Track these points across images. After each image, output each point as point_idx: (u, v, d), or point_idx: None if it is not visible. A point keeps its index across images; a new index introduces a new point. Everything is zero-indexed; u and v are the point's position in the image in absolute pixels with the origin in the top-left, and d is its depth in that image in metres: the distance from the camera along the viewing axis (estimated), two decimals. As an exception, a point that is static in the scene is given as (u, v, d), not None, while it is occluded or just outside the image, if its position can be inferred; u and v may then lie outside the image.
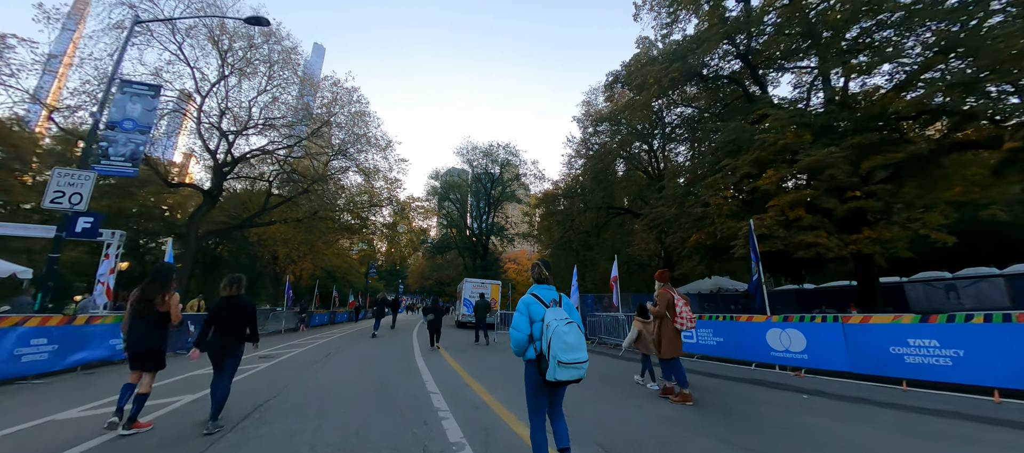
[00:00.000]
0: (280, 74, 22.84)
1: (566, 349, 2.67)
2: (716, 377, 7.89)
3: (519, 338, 2.91)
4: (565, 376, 2.68)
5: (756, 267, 8.61)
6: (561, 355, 2.66)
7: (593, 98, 25.69)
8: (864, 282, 11.65)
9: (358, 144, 25.35)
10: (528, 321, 2.92)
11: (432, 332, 12.58)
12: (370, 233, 28.14)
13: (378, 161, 25.18)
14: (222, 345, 4.28)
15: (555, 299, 3.00)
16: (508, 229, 50.01)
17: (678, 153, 22.99)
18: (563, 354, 2.66)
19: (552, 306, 2.91)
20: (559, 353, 2.66)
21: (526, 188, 46.72)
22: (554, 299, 2.99)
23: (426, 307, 16.88)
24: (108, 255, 10.43)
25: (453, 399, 5.84)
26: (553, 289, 3.12)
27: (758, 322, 8.41)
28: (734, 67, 14.22)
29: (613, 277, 12.58)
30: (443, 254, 53.25)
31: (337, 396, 5.97)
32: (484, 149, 45.97)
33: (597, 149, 21.08)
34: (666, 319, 5.54)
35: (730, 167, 9.92)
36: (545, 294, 3.02)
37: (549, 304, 2.93)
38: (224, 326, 4.32)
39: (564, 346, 2.68)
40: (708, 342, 9.56)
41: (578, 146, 23.88)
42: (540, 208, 26.39)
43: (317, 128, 23.71)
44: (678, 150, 23.02)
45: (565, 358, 2.66)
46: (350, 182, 28.79)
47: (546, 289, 3.08)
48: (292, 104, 23.66)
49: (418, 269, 70.56)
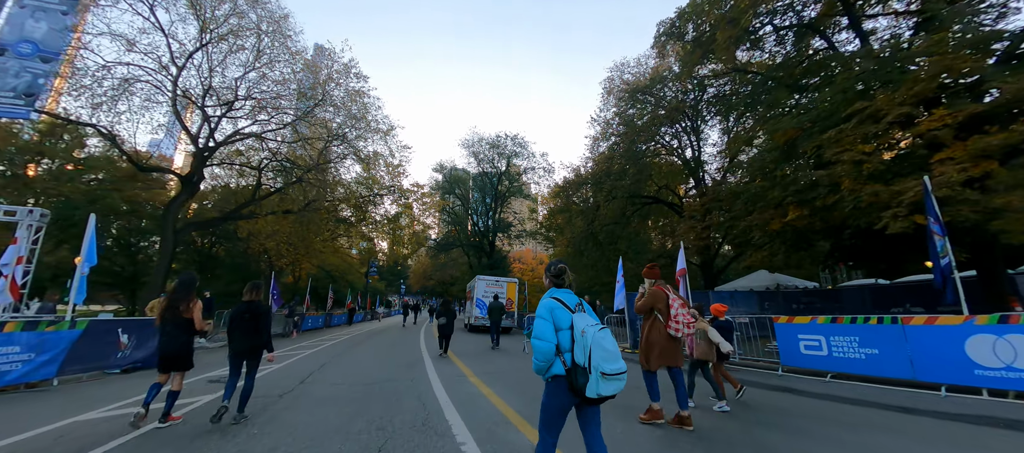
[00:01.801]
0: (270, 48, 20.22)
1: (607, 357, 2.33)
2: (884, 409, 5.27)
3: (546, 349, 2.46)
4: (609, 390, 2.34)
5: (943, 244, 5.87)
6: (604, 365, 2.31)
7: (617, 74, 23.00)
8: (986, 271, 8.92)
9: (356, 127, 22.68)
10: (553, 329, 2.51)
11: (442, 337, 11.09)
12: (370, 229, 25.39)
13: (378, 146, 22.47)
14: (243, 346, 4.64)
15: (579, 303, 2.65)
16: (516, 226, 47.31)
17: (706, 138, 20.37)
18: (606, 364, 2.31)
19: (578, 311, 2.56)
20: (602, 363, 2.31)
21: (536, 183, 44.10)
22: (579, 303, 2.64)
23: (436, 309, 15.02)
24: (17, 238, 7.74)
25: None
26: (572, 293, 2.71)
27: (951, 325, 5.71)
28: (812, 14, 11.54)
29: (680, 269, 9.90)
30: (446, 253, 50.46)
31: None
32: (491, 141, 43.20)
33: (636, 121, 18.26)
34: (657, 321, 4.70)
35: (868, 113, 7.17)
36: (568, 299, 2.64)
37: (574, 309, 2.57)
38: (245, 328, 4.66)
39: (606, 355, 2.34)
40: (851, 355, 6.81)
41: (604, 126, 21.15)
42: (558, 198, 23.55)
43: (309, 109, 20.98)
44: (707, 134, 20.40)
45: (609, 369, 2.31)
46: (348, 173, 26.17)
47: (567, 293, 2.69)
48: (281, 81, 20.96)
49: (420, 269, 68.33)
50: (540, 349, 2.48)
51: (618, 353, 2.39)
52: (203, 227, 24.21)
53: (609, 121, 21.55)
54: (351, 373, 8.22)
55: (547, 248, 49.51)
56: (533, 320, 2.94)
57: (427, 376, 7.97)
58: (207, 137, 20.51)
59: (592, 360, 2.33)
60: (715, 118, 17.96)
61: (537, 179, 44.27)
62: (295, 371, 8.40)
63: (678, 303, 4.69)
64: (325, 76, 21.48)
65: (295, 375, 7.91)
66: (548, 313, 2.55)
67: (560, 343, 2.47)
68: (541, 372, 2.53)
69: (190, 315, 4.52)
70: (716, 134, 21.08)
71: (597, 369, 2.31)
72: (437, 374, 8.17)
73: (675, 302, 4.69)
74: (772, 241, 11.07)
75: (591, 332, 2.38)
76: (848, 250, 12.76)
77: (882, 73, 7.56)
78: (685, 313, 4.65)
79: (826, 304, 16.21)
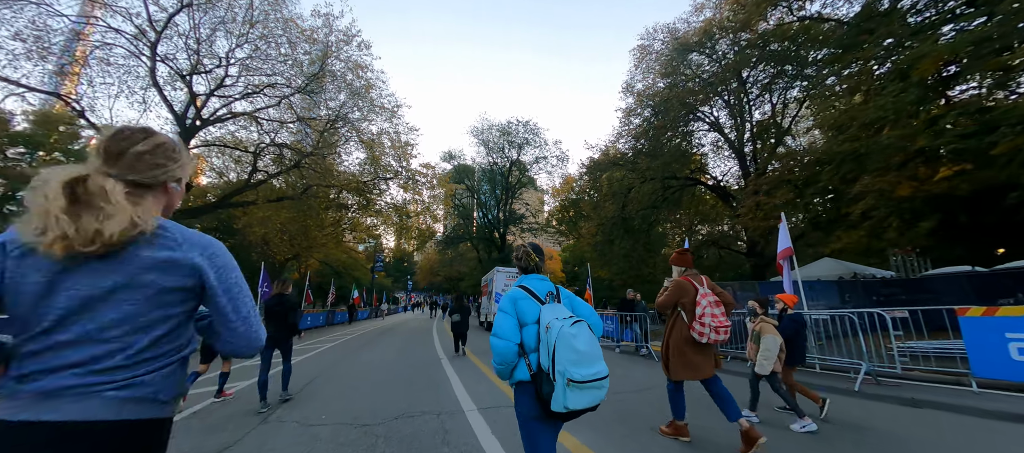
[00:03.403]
0: (263, 17, 17.99)
1: (578, 360, 1.77)
2: None
3: (504, 349, 1.96)
4: (581, 402, 1.77)
5: None
6: (572, 370, 1.76)
7: (649, 41, 20.44)
8: None
9: (358, 105, 20.41)
10: (516, 323, 2.02)
11: (457, 336, 10.33)
12: (376, 219, 23.12)
13: (383, 125, 20.18)
14: (275, 334, 5.26)
15: (552, 292, 2.11)
16: (528, 218, 44.90)
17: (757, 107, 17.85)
18: (574, 368, 1.76)
19: (549, 301, 2.05)
20: (569, 367, 1.76)
21: (549, 172, 41.72)
22: (551, 292, 2.11)
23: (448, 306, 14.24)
24: None
25: None
26: (547, 280, 2.19)
27: None
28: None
29: (783, 249, 7.54)
30: (455, 247, 48.14)
31: None
32: (501, 127, 40.85)
33: (685, 82, 15.79)
34: (681, 320, 3.79)
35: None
36: (538, 286, 2.11)
37: (545, 299, 2.05)
38: (275, 318, 5.32)
39: (574, 356, 1.77)
40: None
41: (638, 97, 18.57)
42: (584, 179, 21.08)
43: (306, 83, 18.72)
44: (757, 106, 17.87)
45: (578, 374, 1.75)
46: (350, 157, 23.92)
47: (538, 280, 2.17)
48: (277, 56, 18.70)
49: (427, 265, 66.54)
50: (498, 349, 1.98)
51: (594, 354, 1.84)
52: (190, 216, 22.09)
53: (642, 93, 19.05)
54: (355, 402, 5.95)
55: (558, 241, 47.16)
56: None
57: (470, 426, 5.69)
58: (194, 117, 18.42)
59: (556, 362, 1.79)
60: (779, 81, 15.22)
61: (550, 168, 41.93)
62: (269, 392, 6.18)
63: (709, 299, 3.71)
64: (322, 46, 19.16)
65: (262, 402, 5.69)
66: (511, 305, 2.06)
67: (524, 341, 1.99)
68: (503, 377, 2.04)
69: None
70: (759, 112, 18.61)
71: (563, 375, 1.76)
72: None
73: (705, 298, 3.71)
74: (889, 215, 8.67)
75: (557, 327, 1.85)
76: (961, 230, 10.38)
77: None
78: (717, 313, 3.63)
79: (916, 295, 13.73)
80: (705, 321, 3.61)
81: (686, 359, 3.70)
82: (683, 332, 3.75)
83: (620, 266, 17.94)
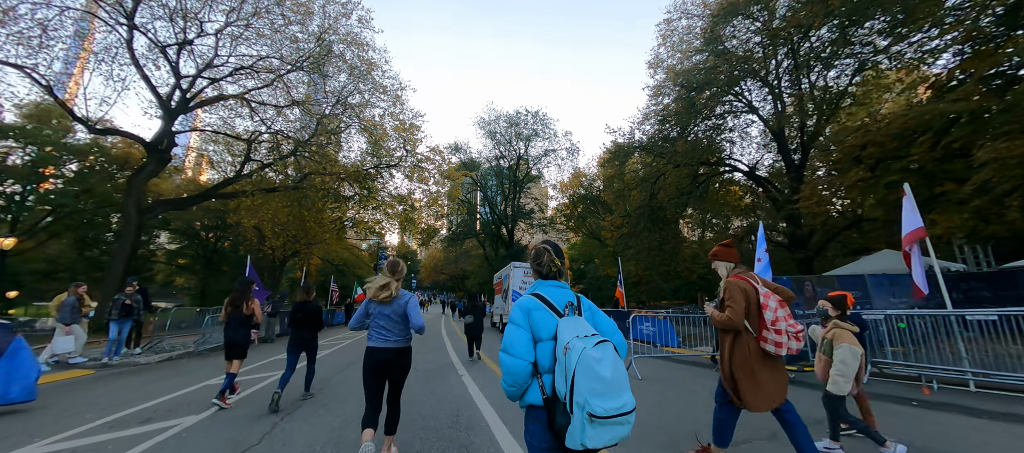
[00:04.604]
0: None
1: (602, 390, 1.45)
2: None
3: (515, 368, 1.68)
4: (599, 440, 1.46)
5: None
6: (593, 401, 1.44)
7: (676, 16, 18.61)
8: None
9: (358, 86, 18.69)
10: (530, 338, 1.73)
11: (471, 339, 9.50)
12: (378, 213, 21.41)
13: (385, 103, 18.46)
14: (300, 338, 5.62)
15: (572, 303, 1.80)
16: (538, 213, 43.12)
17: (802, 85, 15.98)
18: (597, 400, 1.44)
19: (568, 314, 1.74)
20: (590, 399, 1.44)
21: (559, 164, 39.86)
22: (570, 303, 1.79)
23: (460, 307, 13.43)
24: None
25: None
26: (567, 287, 1.87)
27: None
28: None
29: (913, 230, 5.79)
30: (459, 245, 46.38)
31: None
32: (509, 117, 39.05)
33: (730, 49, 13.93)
34: (746, 331, 2.92)
35: None
36: (556, 295, 1.80)
37: (564, 311, 1.75)
38: (300, 323, 5.65)
39: (597, 385, 1.45)
40: None
41: (670, 73, 16.65)
42: (609, 166, 19.22)
43: (299, 62, 17.01)
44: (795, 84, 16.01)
45: (600, 408, 1.43)
46: (352, 148, 22.23)
47: (556, 287, 1.85)
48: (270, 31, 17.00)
49: (431, 263, 65.01)
50: (508, 368, 1.69)
51: (620, 382, 1.49)
52: (176, 207, 20.50)
53: (673, 67, 17.20)
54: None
55: (566, 239, 45.27)
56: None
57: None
58: (180, 100, 16.77)
59: (574, 392, 1.47)
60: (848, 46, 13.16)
61: (560, 161, 40.09)
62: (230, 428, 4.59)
63: (776, 300, 2.90)
64: (318, 18, 17.42)
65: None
66: (523, 317, 1.75)
67: (538, 360, 1.69)
68: (513, 398, 1.74)
69: (250, 312, 5.45)
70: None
71: (582, 407, 1.44)
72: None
73: (770, 299, 2.90)
74: (1013, 191, 6.89)
75: (578, 348, 1.51)
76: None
77: None
78: (789, 318, 2.86)
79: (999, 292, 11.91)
80: (780, 327, 2.85)
81: (758, 380, 2.86)
82: (751, 347, 2.92)
83: (649, 260, 16.17)
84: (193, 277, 32.65)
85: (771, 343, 2.84)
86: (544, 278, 1.90)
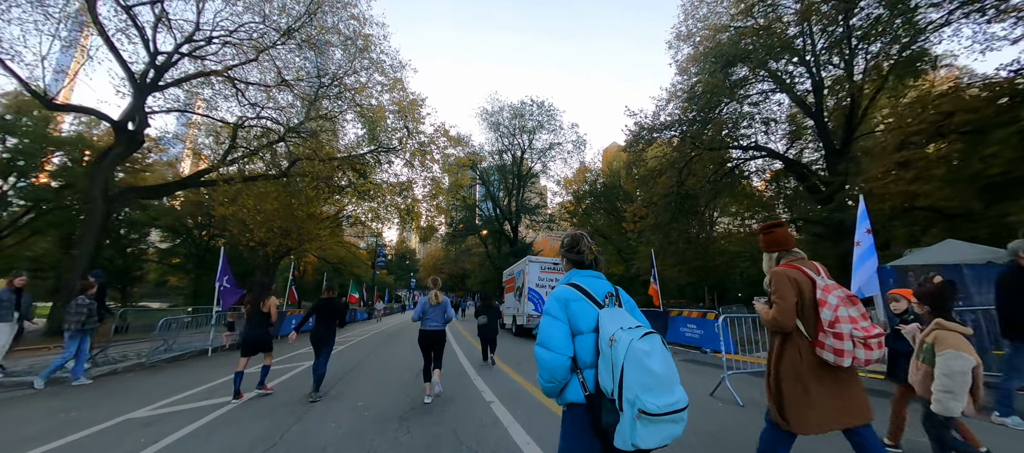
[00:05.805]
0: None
1: (653, 385, 1.32)
2: None
3: (553, 363, 1.57)
4: (651, 440, 1.31)
5: None
6: (645, 397, 1.30)
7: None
8: None
9: (354, 64, 16.95)
10: (568, 331, 1.61)
11: (485, 342, 8.73)
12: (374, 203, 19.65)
13: (382, 79, 16.71)
14: (321, 335, 5.67)
15: (611, 293, 1.69)
16: (543, 209, 41.39)
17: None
18: (648, 396, 1.31)
19: (608, 304, 1.62)
20: (641, 394, 1.31)
21: (565, 158, 38.11)
22: (610, 293, 1.68)
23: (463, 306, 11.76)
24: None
25: None
26: (603, 278, 1.75)
27: None
28: None
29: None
30: (460, 242, 44.59)
31: None
32: (514, 108, 37.34)
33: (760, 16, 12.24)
34: (797, 333, 2.22)
35: None
36: (595, 286, 1.69)
37: (604, 301, 1.63)
38: (323, 319, 5.77)
39: (648, 379, 1.32)
40: None
41: (698, 49, 14.90)
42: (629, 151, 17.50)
43: (284, 30, 15.23)
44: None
45: (652, 404, 1.29)
46: (348, 132, 20.49)
47: (593, 277, 1.73)
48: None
49: (430, 261, 63.32)
50: (546, 363, 1.57)
51: (672, 377, 1.37)
52: (149, 195, 18.66)
53: (706, 38, 15.48)
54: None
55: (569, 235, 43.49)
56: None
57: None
58: (154, 75, 14.97)
59: (624, 387, 1.35)
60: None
61: (566, 155, 38.39)
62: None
63: (839, 295, 2.18)
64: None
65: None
66: (560, 308, 1.63)
67: (578, 354, 1.57)
68: (551, 395, 1.62)
69: (268, 310, 5.68)
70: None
71: (632, 404, 1.31)
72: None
73: (830, 293, 2.17)
74: None
75: (624, 340, 1.39)
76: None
77: None
78: (855, 316, 2.13)
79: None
80: (841, 330, 2.07)
81: (808, 395, 2.11)
82: (803, 351, 2.18)
83: (680, 253, 14.43)
84: (186, 276, 31.10)
85: (828, 349, 2.12)
86: (579, 267, 1.79)
